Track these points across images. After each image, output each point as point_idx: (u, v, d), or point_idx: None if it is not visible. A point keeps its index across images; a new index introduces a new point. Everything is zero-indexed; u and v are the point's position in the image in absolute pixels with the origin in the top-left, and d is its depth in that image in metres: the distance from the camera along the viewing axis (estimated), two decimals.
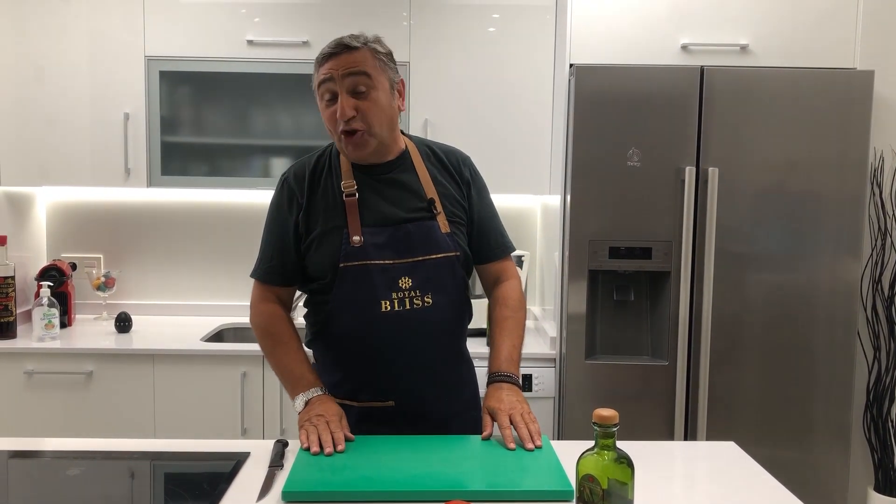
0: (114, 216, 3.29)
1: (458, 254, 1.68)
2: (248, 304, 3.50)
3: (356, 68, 1.57)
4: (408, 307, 1.62)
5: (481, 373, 1.75)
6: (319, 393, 1.64)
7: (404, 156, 1.71)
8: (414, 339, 1.64)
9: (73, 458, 1.53)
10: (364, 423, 1.65)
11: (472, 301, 1.78)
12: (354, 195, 1.64)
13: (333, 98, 1.59)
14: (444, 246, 1.66)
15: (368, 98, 1.58)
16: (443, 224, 1.67)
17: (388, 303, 1.61)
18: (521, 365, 2.73)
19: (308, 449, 1.50)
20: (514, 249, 1.84)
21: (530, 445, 1.51)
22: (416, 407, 1.67)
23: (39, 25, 2.89)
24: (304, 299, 1.77)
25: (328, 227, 1.64)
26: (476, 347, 1.91)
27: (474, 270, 1.81)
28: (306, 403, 1.62)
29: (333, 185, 1.67)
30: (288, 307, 1.78)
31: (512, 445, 1.51)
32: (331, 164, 1.70)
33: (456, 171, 1.74)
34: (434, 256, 1.64)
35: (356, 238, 1.61)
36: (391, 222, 1.64)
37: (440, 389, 1.70)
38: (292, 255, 1.69)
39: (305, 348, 1.75)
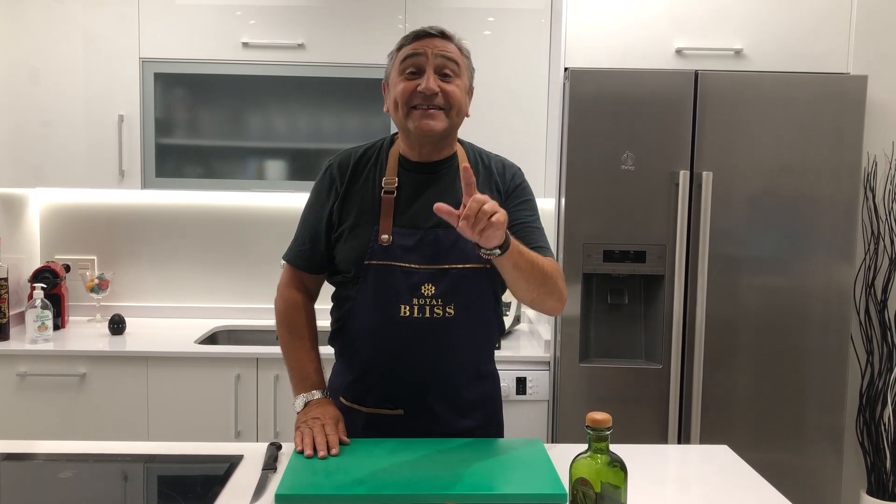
0: (108, 218, 3.28)
1: (488, 266, 1.59)
2: (242, 306, 3.49)
3: (449, 54, 1.58)
4: (427, 315, 1.58)
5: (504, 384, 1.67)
6: (319, 396, 1.64)
7: (452, 159, 1.67)
8: (430, 350, 1.60)
9: (66, 461, 1.53)
10: (371, 430, 1.63)
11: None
12: (393, 192, 1.61)
13: (416, 72, 1.57)
14: (474, 256, 1.57)
15: (452, 83, 1.58)
16: None
17: (407, 307, 1.58)
18: (516, 367, 2.74)
19: (302, 452, 1.50)
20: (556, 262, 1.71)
21: (466, 229, 1.32)
22: (426, 420, 1.63)
23: (34, 26, 2.88)
24: (331, 294, 1.74)
25: (360, 221, 1.62)
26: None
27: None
28: (305, 405, 1.62)
29: (375, 179, 1.64)
30: (313, 297, 1.76)
31: (456, 213, 1.34)
32: (378, 157, 1.67)
33: (501, 182, 1.69)
34: (461, 266, 1.59)
35: (385, 237, 1.59)
36: (422, 226, 1.60)
37: (453, 405, 1.65)
38: (323, 243, 1.67)
39: (328, 345, 1.73)
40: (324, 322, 1.72)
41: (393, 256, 1.58)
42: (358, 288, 1.61)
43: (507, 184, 1.70)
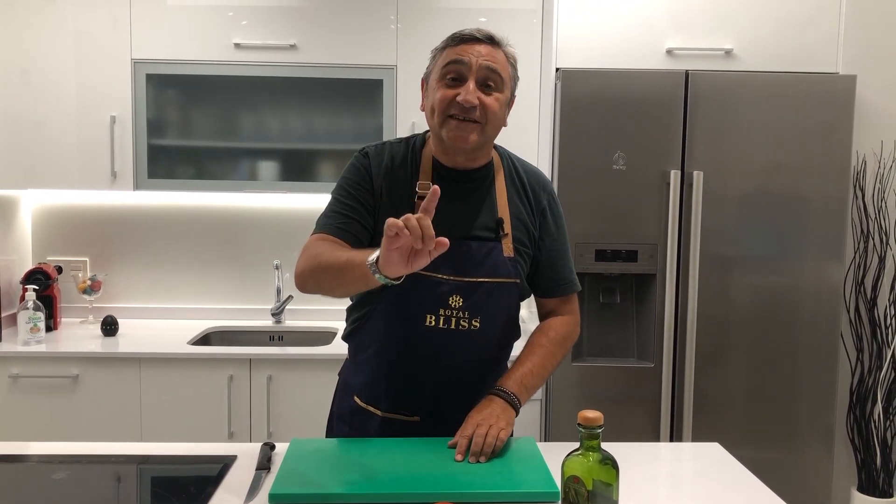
0: (100, 219, 3.27)
1: (518, 281, 1.59)
2: (235, 307, 3.47)
3: (494, 65, 1.52)
4: (452, 327, 1.55)
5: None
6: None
7: (487, 168, 1.63)
8: (452, 360, 1.58)
9: (59, 462, 1.52)
10: (385, 435, 1.61)
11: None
12: None
13: (457, 80, 1.51)
14: (504, 271, 1.57)
15: (492, 96, 1.52)
16: (507, 247, 1.59)
17: (433, 318, 1.54)
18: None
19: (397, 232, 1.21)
20: (580, 289, 1.74)
21: (459, 457, 1.45)
22: (442, 428, 1.59)
23: (25, 27, 2.87)
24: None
25: None
26: None
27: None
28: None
29: (409, 182, 1.58)
30: None
31: (458, 458, 1.46)
32: (412, 158, 1.60)
33: (533, 196, 1.65)
34: (491, 280, 1.56)
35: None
36: (454, 236, 1.50)
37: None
38: (368, 219, 1.56)
39: (341, 340, 1.68)
40: (336, 323, 1.65)
41: None
42: (383, 294, 1.55)
43: (539, 203, 1.67)
